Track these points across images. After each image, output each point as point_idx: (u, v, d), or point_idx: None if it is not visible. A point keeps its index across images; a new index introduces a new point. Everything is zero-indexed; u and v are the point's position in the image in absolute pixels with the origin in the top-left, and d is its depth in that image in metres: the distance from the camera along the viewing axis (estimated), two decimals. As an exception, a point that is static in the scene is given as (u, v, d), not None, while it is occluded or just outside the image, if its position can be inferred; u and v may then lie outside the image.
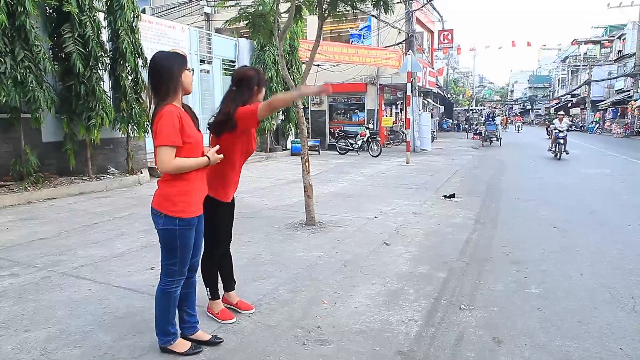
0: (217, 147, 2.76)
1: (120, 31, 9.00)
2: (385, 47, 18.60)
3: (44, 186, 8.21)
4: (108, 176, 9.67)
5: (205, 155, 2.64)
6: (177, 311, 2.77)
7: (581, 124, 42.36)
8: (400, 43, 18.59)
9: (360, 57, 17.30)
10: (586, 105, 43.31)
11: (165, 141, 2.41)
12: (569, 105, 48.95)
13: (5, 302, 3.55)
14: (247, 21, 6.42)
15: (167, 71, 2.51)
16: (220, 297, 3.33)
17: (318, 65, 17.46)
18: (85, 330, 3.09)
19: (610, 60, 41.89)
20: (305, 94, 3.71)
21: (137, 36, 9.41)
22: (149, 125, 2.76)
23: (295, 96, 3.58)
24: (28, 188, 7.87)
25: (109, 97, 9.12)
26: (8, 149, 8.29)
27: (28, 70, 7.44)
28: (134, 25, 9.34)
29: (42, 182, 8.27)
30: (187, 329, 2.83)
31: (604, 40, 43.43)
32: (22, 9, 7.28)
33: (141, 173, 10.05)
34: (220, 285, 3.34)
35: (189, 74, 2.63)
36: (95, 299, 3.62)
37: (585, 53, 47.78)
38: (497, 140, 21.94)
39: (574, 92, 47.82)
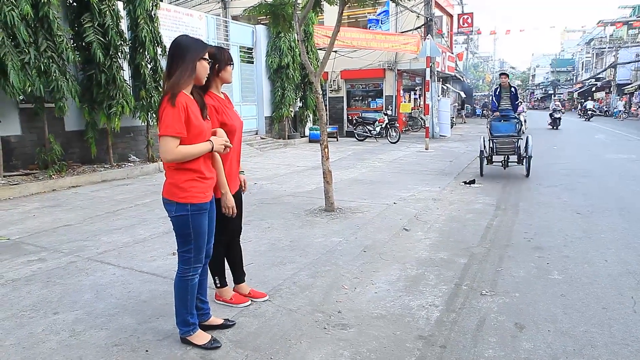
0: (221, 131, 2.72)
1: (139, 20, 9.08)
2: (404, 31, 18.34)
3: (67, 174, 8.40)
4: (129, 164, 9.83)
5: (209, 140, 2.57)
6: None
7: (606, 109, 41.19)
8: (419, 27, 18.29)
9: (378, 43, 17.10)
10: (611, 89, 42.07)
11: (168, 131, 2.38)
12: (593, 89, 47.61)
13: (35, 286, 3.66)
14: (267, 11, 6.41)
15: (182, 55, 2.47)
16: (227, 285, 3.32)
17: (336, 52, 17.35)
18: (110, 313, 3.16)
19: (638, 42, 40.49)
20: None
21: (156, 25, 9.49)
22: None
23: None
24: (52, 176, 8.06)
25: (129, 85, 9.23)
26: (33, 138, 8.49)
27: (51, 60, 7.56)
28: (152, 14, 9.41)
29: (65, 170, 8.45)
30: (200, 316, 2.85)
31: (631, 20, 41.89)
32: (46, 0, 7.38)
33: (161, 160, 10.19)
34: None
35: (206, 64, 2.58)
36: (120, 283, 3.70)
37: (612, 35, 46.23)
38: (524, 159, 8.69)
39: (599, 76, 46.45)
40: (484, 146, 8.77)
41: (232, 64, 3.00)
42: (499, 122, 8.85)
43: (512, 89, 9.51)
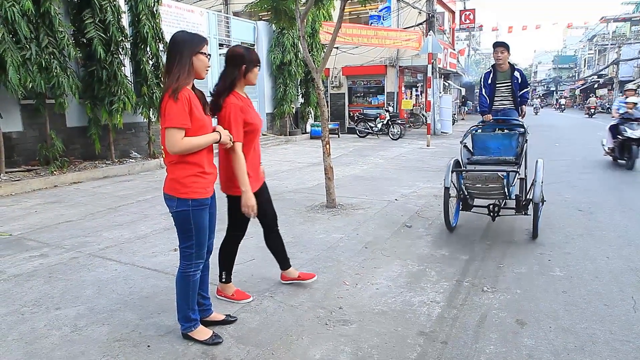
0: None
1: (141, 16, 9.06)
2: (405, 28, 18.28)
3: (69, 170, 8.40)
4: (130, 160, 9.83)
5: (216, 131, 2.61)
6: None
7: (607, 105, 41.03)
8: (421, 24, 18.22)
9: (380, 39, 17.04)
10: (614, 86, 41.90)
11: (173, 123, 2.39)
12: (596, 86, 47.45)
13: (37, 281, 3.67)
14: (268, 7, 6.38)
15: (178, 51, 2.48)
16: (232, 281, 3.33)
17: (337, 48, 17.31)
18: (112, 309, 3.17)
19: (640, 38, 40.35)
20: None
21: (157, 21, 9.48)
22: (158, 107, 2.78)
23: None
24: (54, 172, 8.06)
25: (130, 81, 9.22)
26: (34, 134, 8.50)
27: (52, 56, 7.56)
28: (154, 10, 9.39)
29: (67, 167, 8.46)
30: (202, 312, 2.86)
31: (634, 17, 41.72)
32: (47, -5, 7.37)
33: (162, 157, 10.19)
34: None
35: (203, 58, 2.55)
36: (121, 279, 3.71)
37: (614, 31, 46.04)
38: (526, 204, 4.72)
39: (601, 73, 46.27)
40: (452, 178, 4.82)
41: (259, 65, 3.03)
42: (489, 133, 5.36)
43: (516, 75, 5.98)
